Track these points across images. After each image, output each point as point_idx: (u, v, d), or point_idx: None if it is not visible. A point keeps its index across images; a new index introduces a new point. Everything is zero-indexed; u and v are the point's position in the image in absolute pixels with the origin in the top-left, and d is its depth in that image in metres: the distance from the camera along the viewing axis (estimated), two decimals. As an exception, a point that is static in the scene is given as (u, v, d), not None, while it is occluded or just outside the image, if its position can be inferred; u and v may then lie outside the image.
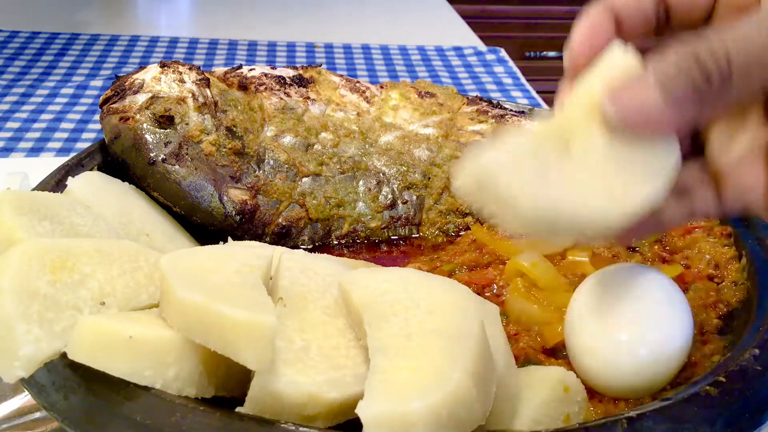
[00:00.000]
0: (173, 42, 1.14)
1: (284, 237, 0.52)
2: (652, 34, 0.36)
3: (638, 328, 0.37)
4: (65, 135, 0.83)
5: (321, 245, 0.53)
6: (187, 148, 0.50)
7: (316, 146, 0.55)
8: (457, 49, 1.18)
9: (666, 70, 0.31)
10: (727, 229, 0.50)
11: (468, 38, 1.24)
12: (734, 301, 0.44)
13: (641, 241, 0.52)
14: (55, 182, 0.47)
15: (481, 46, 1.20)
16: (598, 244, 0.46)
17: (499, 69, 1.10)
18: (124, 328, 0.30)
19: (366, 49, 1.17)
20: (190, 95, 0.51)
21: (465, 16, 1.36)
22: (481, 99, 0.63)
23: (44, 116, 0.87)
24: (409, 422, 0.27)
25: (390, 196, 0.55)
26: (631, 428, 0.30)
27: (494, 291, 0.47)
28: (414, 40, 1.20)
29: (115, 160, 0.50)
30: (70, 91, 0.94)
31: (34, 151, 0.79)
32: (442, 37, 1.22)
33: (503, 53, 1.15)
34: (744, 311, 0.43)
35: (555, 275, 0.46)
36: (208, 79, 0.53)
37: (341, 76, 0.61)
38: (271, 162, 0.52)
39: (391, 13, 1.35)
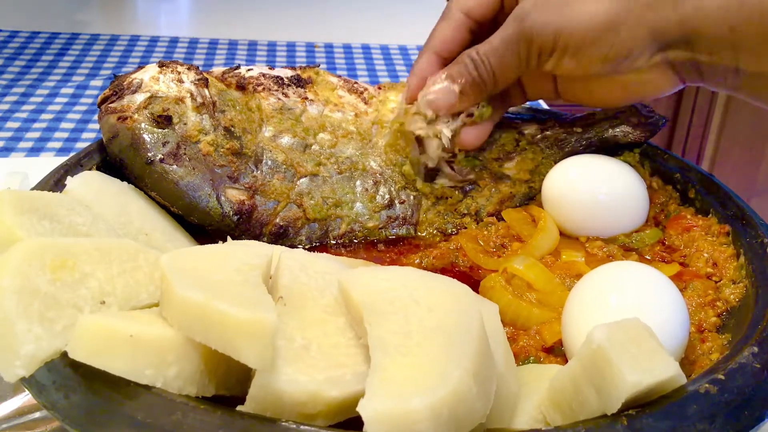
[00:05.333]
0: (173, 42, 1.14)
1: (282, 237, 0.52)
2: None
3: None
4: (65, 135, 0.83)
5: (318, 245, 0.53)
6: (185, 148, 0.50)
7: (313, 147, 0.55)
8: (457, 48, 1.18)
9: (456, 75, 0.51)
10: (726, 228, 0.50)
11: (467, 38, 1.24)
12: (733, 299, 0.45)
13: (640, 242, 0.52)
14: (54, 182, 0.47)
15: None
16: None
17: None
18: (125, 327, 0.30)
19: (366, 49, 1.17)
20: (189, 95, 0.51)
21: (464, 16, 1.36)
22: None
23: (44, 116, 0.87)
24: (410, 420, 0.27)
25: (387, 196, 0.55)
26: (631, 426, 0.30)
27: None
28: (414, 40, 1.20)
29: (113, 159, 0.50)
30: (70, 91, 0.94)
31: (34, 151, 0.79)
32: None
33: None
34: (742, 309, 0.43)
35: (549, 277, 0.46)
36: (207, 79, 0.53)
37: (339, 76, 0.61)
38: (269, 162, 0.53)
39: (391, 13, 1.35)
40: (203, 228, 0.50)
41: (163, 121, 0.49)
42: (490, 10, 0.53)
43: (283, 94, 0.57)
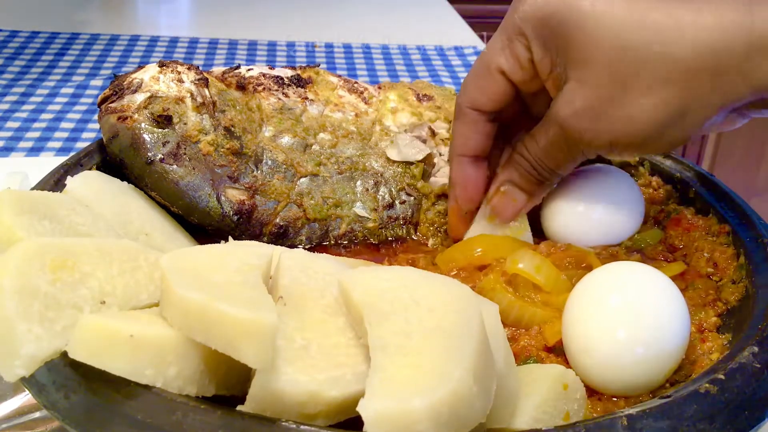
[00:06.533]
0: (173, 42, 1.14)
1: (282, 237, 0.52)
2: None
3: (635, 327, 0.38)
4: (65, 135, 0.83)
5: (319, 245, 0.53)
6: (185, 148, 0.50)
7: (314, 147, 0.55)
8: (457, 49, 1.18)
9: (515, 178, 0.49)
10: (726, 228, 0.50)
11: (468, 38, 1.25)
12: (733, 299, 0.45)
13: (641, 242, 0.52)
14: (54, 182, 0.47)
15: (481, 46, 1.20)
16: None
17: (498, 69, 1.10)
18: (125, 327, 0.30)
19: (366, 49, 1.17)
20: (189, 95, 0.51)
21: (465, 16, 1.36)
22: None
23: (44, 116, 0.87)
24: (411, 420, 0.27)
25: (387, 196, 0.55)
26: (631, 426, 0.30)
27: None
28: (414, 40, 1.20)
29: (113, 159, 0.50)
30: (70, 90, 0.94)
31: (34, 151, 0.79)
32: (442, 37, 1.22)
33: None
34: (743, 309, 0.43)
35: (557, 277, 0.45)
36: (207, 79, 0.53)
37: (339, 76, 0.61)
38: (269, 162, 0.53)
39: (391, 13, 1.35)
40: (203, 228, 0.50)
41: (163, 120, 0.49)
42: (503, 103, 0.48)
43: (283, 94, 0.57)
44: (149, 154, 0.49)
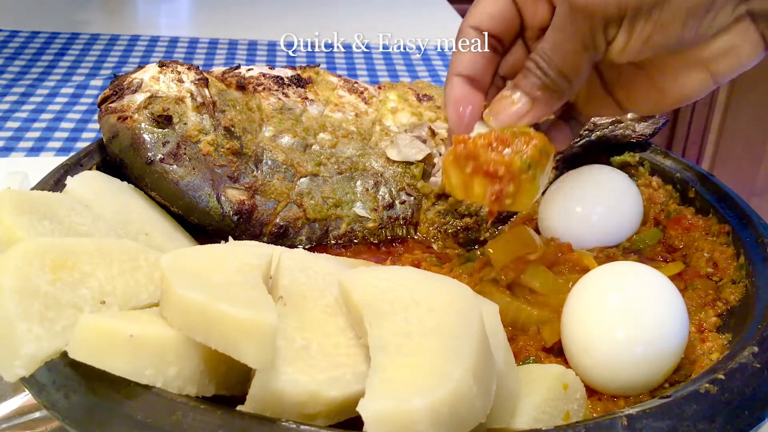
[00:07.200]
0: (173, 42, 1.14)
1: (282, 237, 0.52)
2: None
3: (634, 327, 0.38)
4: (65, 134, 0.83)
5: (319, 245, 0.53)
6: (185, 148, 0.50)
7: (314, 147, 0.55)
8: (457, 48, 1.18)
9: (523, 83, 0.44)
10: (726, 228, 0.50)
11: (467, 38, 1.24)
12: (733, 299, 0.45)
13: (640, 242, 0.52)
14: (54, 182, 0.47)
15: (481, 46, 1.20)
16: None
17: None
18: (125, 327, 0.30)
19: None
20: (189, 95, 0.51)
21: (464, 16, 1.36)
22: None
23: (44, 116, 0.87)
24: (411, 420, 0.27)
25: (387, 196, 0.55)
26: (631, 426, 0.30)
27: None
28: (414, 40, 1.20)
29: (113, 159, 0.50)
30: (70, 90, 0.94)
31: (34, 151, 0.79)
32: (442, 36, 1.22)
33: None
34: (743, 309, 0.43)
35: (554, 283, 0.45)
36: (207, 79, 0.53)
37: (339, 76, 0.61)
38: (269, 162, 0.53)
39: (391, 13, 1.35)
40: (203, 228, 0.50)
41: (163, 120, 0.49)
42: (504, 22, 0.46)
43: (283, 94, 0.57)
44: (149, 154, 0.49)
